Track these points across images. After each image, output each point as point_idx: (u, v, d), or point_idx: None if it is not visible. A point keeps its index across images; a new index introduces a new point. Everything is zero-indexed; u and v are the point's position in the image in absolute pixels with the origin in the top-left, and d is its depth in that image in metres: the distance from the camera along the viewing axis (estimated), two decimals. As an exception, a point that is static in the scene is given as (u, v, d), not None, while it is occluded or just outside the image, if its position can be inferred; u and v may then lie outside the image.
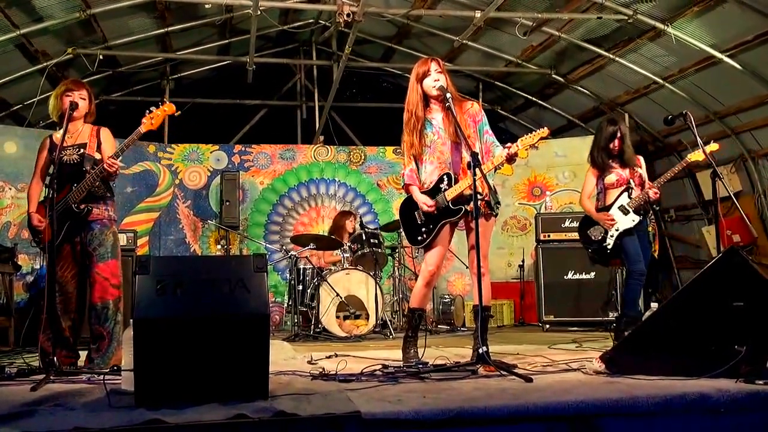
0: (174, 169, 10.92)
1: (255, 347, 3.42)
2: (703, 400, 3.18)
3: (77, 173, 5.14)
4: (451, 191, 4.89)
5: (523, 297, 10.53)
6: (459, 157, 4.96)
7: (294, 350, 6.40)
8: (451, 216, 4.93)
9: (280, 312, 10.47)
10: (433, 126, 5.02)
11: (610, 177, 6.36)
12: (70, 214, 5.10)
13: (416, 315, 5.15)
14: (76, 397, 3.63)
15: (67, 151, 5.17)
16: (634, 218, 6.23)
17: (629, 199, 6.27)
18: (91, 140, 5.27)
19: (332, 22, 10.45)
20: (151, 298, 3.42)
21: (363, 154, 11.63)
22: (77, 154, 5.19)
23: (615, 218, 6.26)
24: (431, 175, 5.01)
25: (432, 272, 5.03)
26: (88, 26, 9.06)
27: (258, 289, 3.53)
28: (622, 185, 6.33)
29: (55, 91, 5.31)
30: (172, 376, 3.33)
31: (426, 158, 5.04)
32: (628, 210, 6.24)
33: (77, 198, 5.10)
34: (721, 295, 3.83)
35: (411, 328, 5.16)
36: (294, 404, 3.17)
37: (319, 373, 4.27)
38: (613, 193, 6.36)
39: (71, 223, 5.11)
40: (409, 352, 5.06)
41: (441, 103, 4.96)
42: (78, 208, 5.10)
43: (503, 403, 3.12)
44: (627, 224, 6.23)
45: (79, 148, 5.22)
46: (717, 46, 8.26)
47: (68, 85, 5.31)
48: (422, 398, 3.30)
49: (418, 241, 5.04)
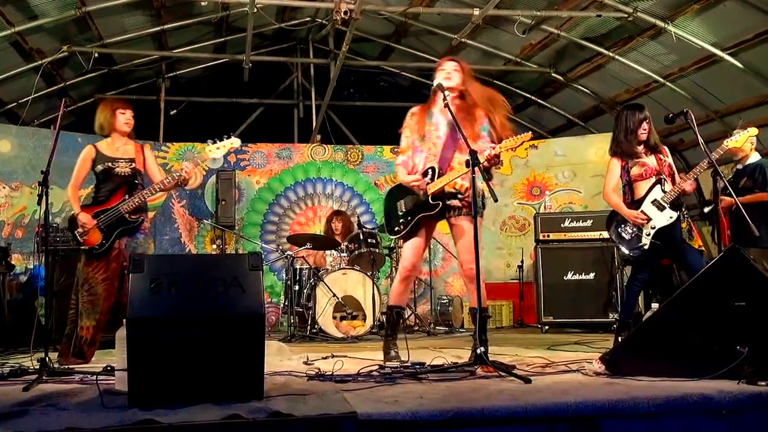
0: (169, 168, 10.87)
1: (250, 347, 3.41)
2: (704, 402, 3.17)
3: (130, 184, 5.65)
4: (433, 185, 4.92)
5: (522, 298, 10.48)
6: (450, 153, 5.01)
7: (290, 351, 6.37)
8: (429, 210, 4.96)
9: (276, 313, 10.42)
10: (433, 117, 5.12)
11: (636, 167, 5.87)
12: (122, 222, 5.56)
13: (394, 313, 5.19)
14: (68, 397, 3.62)
15: (119, 163, 5.67)
16: (672, 214, 5.71)
17: (663, 193, 5.75)
18: (137, 156, 5.78)
19: (329, 20, 10.42)
20: (145, 297, 3.41)
21: (360, 153, 11.61)
22: (129, 167, 5.69)
23: (649, 214, 5.75)
24: (419, 165, 5.10)
25: (408, 268, 5.09)
26: (83, 24, 9.06)
27: (253, 288, 3.52)
28: (651, 176, 5.82)
29: (104, 106, 5.82)
30: (165, 376, 3.32)
31: (419, 146, 5.13)
32: (664, 205, 5.71)
33: (131, 207, 5.54)
34: (723, 295, 3.81)
35: (390, 327, 5.20)
36: (289, 405, 3.15)
37: (315, 373, 4.27)
38: (641, 186, 5.85)
39: (122, 230, 5.57)
40: (389, 353, 5.09)
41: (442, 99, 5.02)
42: (131, 217, 5.57)
43: (501, 404, 3.11)
44: (663, 222, 5.70)
45: (130, 162, 5.71)
46: (718, 45, 8.26)
47: (119, 103, 5.83)
48: (419, 399, 3.28)
49: (395, 231, 5.14)
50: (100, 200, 5.60)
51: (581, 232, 8.98)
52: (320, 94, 11.83)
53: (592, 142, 11.17)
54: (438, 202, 4.93)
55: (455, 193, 4.96)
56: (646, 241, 5.76)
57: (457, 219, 5.02)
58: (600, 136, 11.11)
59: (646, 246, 5.76)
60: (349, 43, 9.01)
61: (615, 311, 8.42)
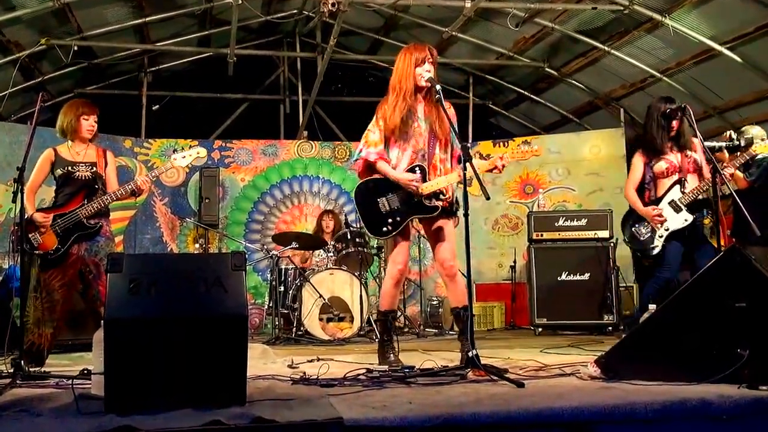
0: (151, 165, 10.81)
1: (232, 350, 3.36)
2: (704, 407, 3.14)
3: (90, 189, 5.62)
4: (428, 186, 4.86)
5: (514, 299, 10.46)
6: (433, 151, 4.96)
7: (274, 354, 6.33)
8: (425, 212, 4.93)
9: (260, 314, 10.36)
10: (414, 114, 5.00)
11: (660, 164, 5.85)
12: (80, 227, 5.50)
13: (390, 317, 5.17)
14: (43, 402, 3.57)
15: (79, 167, 5.62)
16: (687, 217, 5.69)
17: (681, 194, 5.74)
18: (99, 160, 5.76)
19: (317, 12, 10.39)
20: (123, 298, 3.35)
21: (348, 150, 11.58)
22: (90, 171, 5.66)
23: (664, 215, 5.75)
24: (401, 162, 4.99)
25: (401, 270, 5.06)
26: (62, 16, 9.00)
27: (235, 289, 3.47)
28: (674, 173, 5.82)
29: (68, 108, 5.73)
30: (144, 380, 3.26)
31: (399, 143, 5.01)
32: (680, 206, 5.71)
33: (89, 212, 5.51)
34: (723, 296, 3.78)
35: (386, 332, 5.16)
36: (272, 410, 3.11)
37: (300, 377, 4.23)
38: (664, 183, 5.84)
39: (79, 235, 5.50)
40: (389, 357, 5.06)
41: (424, 94, 4.99)
42: (89, 222, 5.52)
43: (493, 409, 3.07)
44: (678, 224, 5.71)
45: (91, 166, 5.68)
46: (716, 38, 8.27)
47: (85, 108, 5.74)
48: (408, 404, 3.24)
49: (383, 232, 4.97)
50: (58, 204, 5.57)
51: (576, 232, 8.93)
52: (307, 90, 11.80)
53: (586, 139, 11.18)
54: (438, 204, 4.91)
55: (439, 193, 4.95)
56: (658, 243, 5.77)
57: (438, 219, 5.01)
58: (595, 133, 11.13)
59: (658, 248, 5.77)
60: (336, 36, 8.96)
61: (610, 313, 8.40)
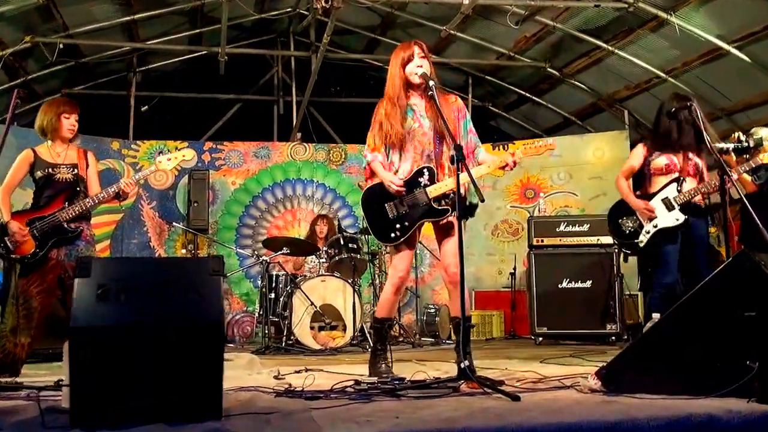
0: (139, 168, 10.70)
1: (206, 360, 3.22)
2: (711, 422, 3.02)
3: (71, 192, 5.51)
4: (435, 188, 4.77)
5: (514, 307, 10.40)
6: (440, 150, 4.88)
7: (261, 364, 6.23)
8: (435, 216, 4.85)
9: (252, 322, 10.25)
10: (415, 113, 4.95)
11: (659, 160, 5.77)
12: (59, 231, 5.39)
13: (386, 326, 5.09)
14: (8, 415, 3.44)
15: (60, 169, 5.53)
16: (678, 217, 5.62)
17: (677, 193, 5.67)
18: (80, 162, 5.66)
19: (310, 10, 10.32)
20: (90, 305, 3.21)
21: (343, 152, 11.53)
22: (71, 173, 5.56)
23: (655, 210, 5.70)
24: (405, 164, 4.92)
25: (403, 278, 4.97)
26: (48, 13, 8.92)
27: (212, 295, 3.33)
28: (672, 172, 5.74)
29: (48, 107, 5.63)
30: (112, 393, 3.12)
31: (402, 145, 4.95)
32: (674, 205, 5.64)
33: (69, 216, 5.39)
34: (731, 304, 3.68)
35: (380, 341, 5.07)
36: (250, 425, 3.02)
37: (284, 389, 4.10)
38: (659, 181, 5.79)
39: (58, 239, 5.39)
40: (380, 367, 4.96)
41: (422, 91, 4.91)
42: (69, 226, 5.41)
43: (485, 424, 2.97)
44: (667, 222, 5.64)
45: (72, 167, 5.58)
46: (724, 37, 8.21)
47: (66, 106, 5.64)
48: (395, 419, 3.11)
49: (391, 238, 4.88)
50: (39, 206, 5.47)
51: (578, 237, 8.85)
52: (301, 90, 11.71)
53: (589, 142, 11.11)
54: (447, 207, 4.81)
55: (447, 194, 4.84)
56: (643, 239, 5.75)
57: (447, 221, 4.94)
58: (598, 136, 11.07)
59: (641, 244, 5.75)
60: (330, 33, 8.89)
61: (613, 322, 8.31)
